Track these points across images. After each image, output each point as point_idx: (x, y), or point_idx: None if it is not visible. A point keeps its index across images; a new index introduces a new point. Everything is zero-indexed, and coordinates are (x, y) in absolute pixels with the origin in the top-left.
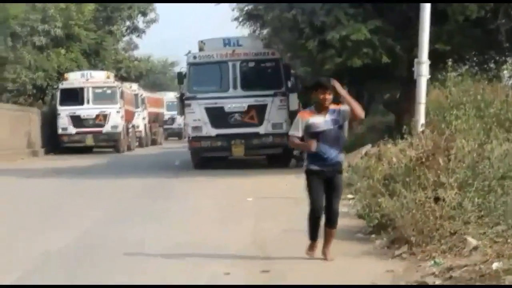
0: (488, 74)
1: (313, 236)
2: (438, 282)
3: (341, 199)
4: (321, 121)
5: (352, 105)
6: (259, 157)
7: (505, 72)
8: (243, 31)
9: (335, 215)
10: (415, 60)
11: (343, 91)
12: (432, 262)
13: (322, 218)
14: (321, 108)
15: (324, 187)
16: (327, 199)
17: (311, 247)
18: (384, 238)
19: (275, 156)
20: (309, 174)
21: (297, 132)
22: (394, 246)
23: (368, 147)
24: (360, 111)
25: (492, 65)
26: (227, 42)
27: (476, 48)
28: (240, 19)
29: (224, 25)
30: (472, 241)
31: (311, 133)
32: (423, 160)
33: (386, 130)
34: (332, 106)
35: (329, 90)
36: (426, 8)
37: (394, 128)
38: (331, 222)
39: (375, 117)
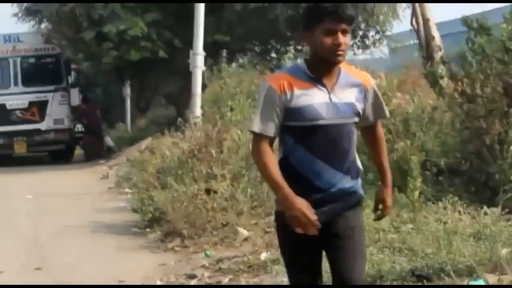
0: (270, 64)
1: None
2: (207, 274)
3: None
4: (323, 101)
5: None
6: (43, 154)
7: (287, 60)
8: (23, 26)
9: None
10: (191, 51)
11: None
12: (203, 254)
13: None
14: (324, 68)
15: (324, 243)
16: (335, 265)
17: None
18: (157, 231)
19: (57, 152)
20: (283, 223)
21: (268, 125)
22: (168, 239)
23: (148, 140)
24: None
25: (273, 55)
26: (7, 38)
27: (257, 38)
28: (20, 14)
29: (4, 21)
30: (243, 232)
31: (299, 128)
32: (195, 152)
33: (168, 123)
34: (347, 69)
35: (346, 25)
36: None
37: (175, 121)
38: None
39: (158, 110)
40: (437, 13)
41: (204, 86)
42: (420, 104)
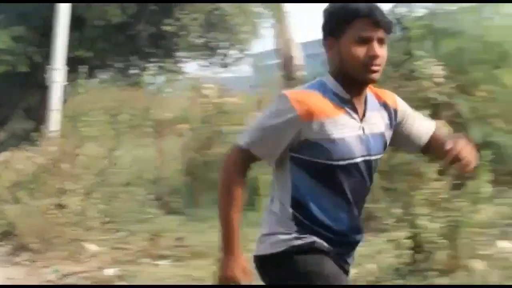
0: (130, 80)
1: None
2: None
3: None
4: (355, 134)
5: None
6: None
7: (145, 77)
8: None
9: None
10: (48, 66)
11: None
12: (51, 269)
13: None
14: (354, 89)
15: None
16: None
17: None
18: (7, 245)
19: None
20: (306, 252)
21: (267, 148)
22: (17, 253)
23: (6, 154)
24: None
25: (134, 71)
26: None
27: (119, 53)
28: None
29: None
30: (91, 247)
31: (323, 166)
32: (50, 167)
33: (27, 137)
34: (374, 92)
35: (384, 33)
36: (62, 12)
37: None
38: None
39: (17, 124)
40: (306, 32)
41: (64, 101)
42: None
